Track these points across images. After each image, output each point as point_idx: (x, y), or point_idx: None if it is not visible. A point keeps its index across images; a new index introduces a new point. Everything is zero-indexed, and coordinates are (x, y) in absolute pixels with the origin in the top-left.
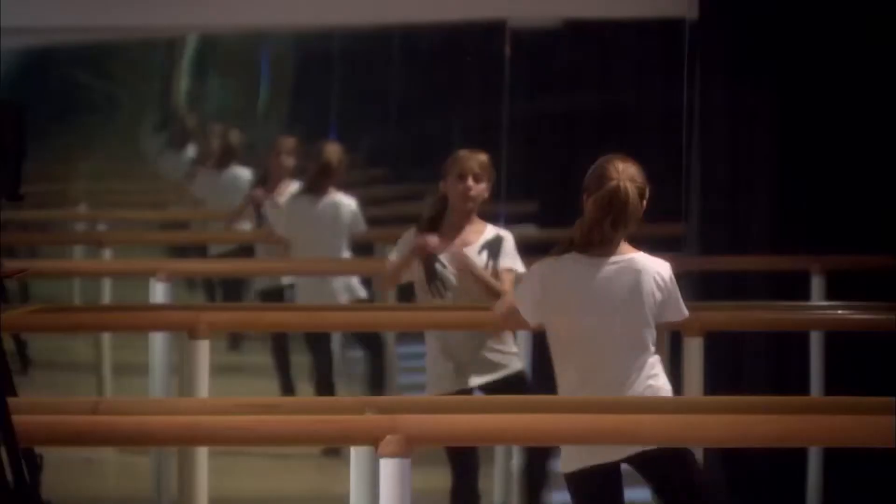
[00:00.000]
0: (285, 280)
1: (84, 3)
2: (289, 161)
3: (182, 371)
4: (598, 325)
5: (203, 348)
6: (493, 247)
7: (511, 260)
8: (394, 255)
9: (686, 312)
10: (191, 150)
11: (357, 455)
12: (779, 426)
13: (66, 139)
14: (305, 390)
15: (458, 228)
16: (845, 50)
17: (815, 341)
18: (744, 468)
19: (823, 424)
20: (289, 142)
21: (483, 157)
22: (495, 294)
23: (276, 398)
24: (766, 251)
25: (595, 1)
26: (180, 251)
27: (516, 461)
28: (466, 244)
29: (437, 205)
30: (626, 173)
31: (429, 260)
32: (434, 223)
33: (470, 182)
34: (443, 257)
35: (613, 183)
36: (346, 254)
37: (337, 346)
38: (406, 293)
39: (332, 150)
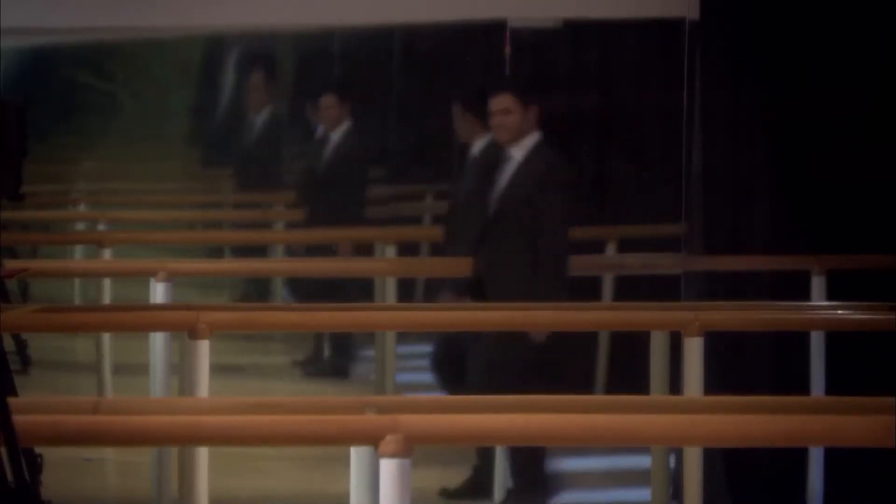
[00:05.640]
0: None
1: (84, 3)
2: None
3: (182, 371)
4: None
5: (203, 348)
6: None
7: None
8: None
9: None
10: None
11: (357, 455)
12: (779, 426)
13: (67, 139)
14: (305, 391)
15: None
16: (846, 50)
17: (815, 341)
18: (744, 468)
19: (823, 424)
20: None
21: None
22: None
23: (276, 398)
24: (766, 251)
25: (595, 1)
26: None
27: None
28: None
29: None
30: None
31: None
32: None
33: None
34: None
35: None
36: None
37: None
38: (406, 293)
39: None
